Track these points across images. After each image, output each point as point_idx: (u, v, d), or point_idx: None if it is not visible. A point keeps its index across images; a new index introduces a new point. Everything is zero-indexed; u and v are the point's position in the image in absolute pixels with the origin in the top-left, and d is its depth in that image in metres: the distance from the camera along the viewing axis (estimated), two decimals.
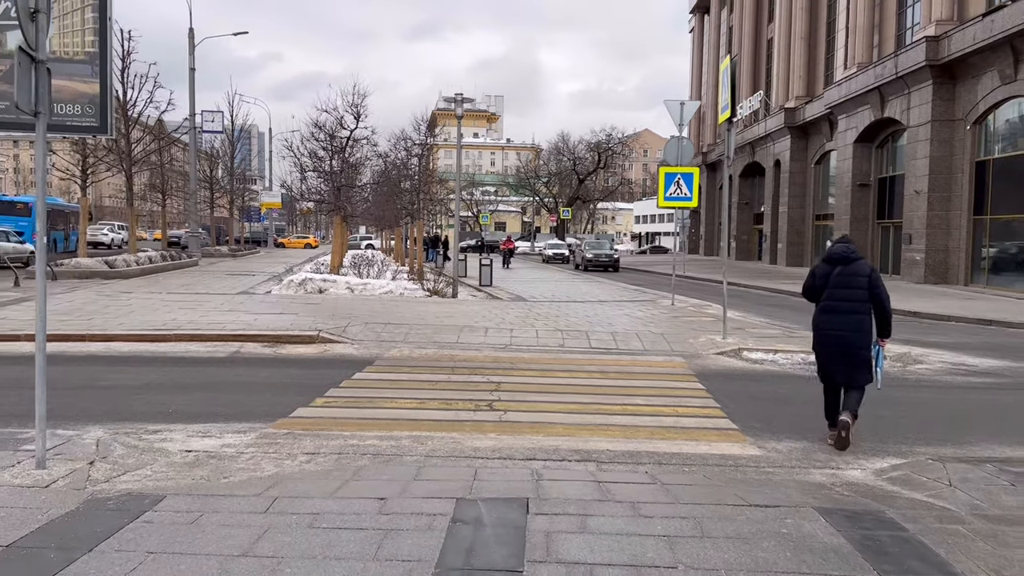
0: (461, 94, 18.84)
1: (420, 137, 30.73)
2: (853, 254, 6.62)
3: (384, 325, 12.80)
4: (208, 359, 10.17)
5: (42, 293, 4.99)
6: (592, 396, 8.20)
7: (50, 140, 28.57)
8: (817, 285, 6.72)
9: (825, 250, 7.10)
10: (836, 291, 6.56)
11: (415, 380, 8.93)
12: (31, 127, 16.62)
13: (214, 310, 14.26)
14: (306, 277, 19.38)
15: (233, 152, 47.33)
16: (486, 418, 7.17)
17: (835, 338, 6.54)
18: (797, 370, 10.39)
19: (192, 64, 35.68)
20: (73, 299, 15.50)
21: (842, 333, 6.51)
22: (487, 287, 23.39)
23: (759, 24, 50.00)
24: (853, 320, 6.49)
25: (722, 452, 6.29)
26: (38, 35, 4.68)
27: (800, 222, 41.27)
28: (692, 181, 17.25)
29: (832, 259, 6.67)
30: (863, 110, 32.55)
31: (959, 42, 25.46)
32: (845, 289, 6.53)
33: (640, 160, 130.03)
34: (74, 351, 10.38)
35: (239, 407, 7.47)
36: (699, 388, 8.82)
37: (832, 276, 6.60)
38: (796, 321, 15.89)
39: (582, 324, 13.83)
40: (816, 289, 6.74)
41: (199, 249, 35.42)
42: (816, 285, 6.73)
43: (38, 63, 4.68)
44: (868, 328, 6.53)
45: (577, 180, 76.69)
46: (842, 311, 6.52)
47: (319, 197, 24.75)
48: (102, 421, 6.73)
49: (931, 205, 27.28)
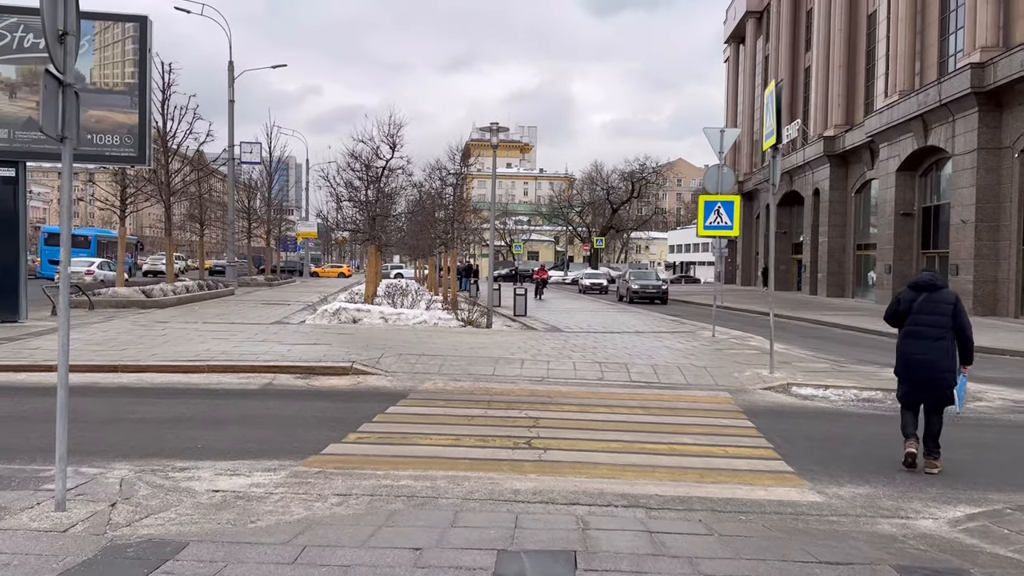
0: (496, 123, 18.70)
1: (455, 166, 30.69)
2: (939, 282, 6.92)
3: (418, 356, 12.54)
4: (240, 391, 9.96)
5: (65, 325, 4.78)
6: (635, 433, 7.81)
7: (91, 170, 29.16)
8: (901, 311, 6.98)
9: (911, 279, 7.38)
10: (920, 317, 6.81)
11: (450, 415, 8.62)
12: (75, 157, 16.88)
13: (247, 340, 14.11)
14: (340, 307, 19.24)
15: (271, 183, 47.89)
16: (525, 457, 6.82)
17: (920, 362, 6.77)
18: (850, 407, 9.89)
19: (231, 96, 36.25)
20: (108, 329, 15.48)
21: (927, 358, 6.73)
22: (521, 317, 23.08)
23: (796, 53, 49.60)
24: (937, 346, 6.72)
25: (780, 498, 5.86)
26: (66, 58, 4.52)
27: (841, 252, 40.44)
28: (733, 209, 16.86)
29: (918, 286, 6.95)
30: (906, 138, 31.89)
31: (1005, 68, 24.83)
32: (930, 315, 6.77)
33: (674, 189, 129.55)
34: (105, 382, 10.24)
35: (270, 443, 7.21)
36: (749, 426, 8.38)
37: (917, 303, 6.86)
38: (843, 354, 15.35)
39: (620, 356, 13.43)
40: (900, 315, 6.99)
41: (236, 278, 35.67)
42: (900, 311, 6.99)
43: (65, 86, 4.51)
44: (952, 354, 6.75)
45: (611, 209, 76.41)
46: (926, 336, 6.76)
47: (354, 226, 24.72)
48: (129, 457, 6.51)
49: (979, 235, 26.48)
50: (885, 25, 36.25)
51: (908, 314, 6.89)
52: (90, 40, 15.73)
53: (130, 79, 16.29)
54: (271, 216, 48.68)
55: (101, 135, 16.14)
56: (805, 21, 48.77)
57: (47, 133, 4.44)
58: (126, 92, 16.27)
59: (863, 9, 39.68)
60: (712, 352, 14.59)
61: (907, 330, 6.89)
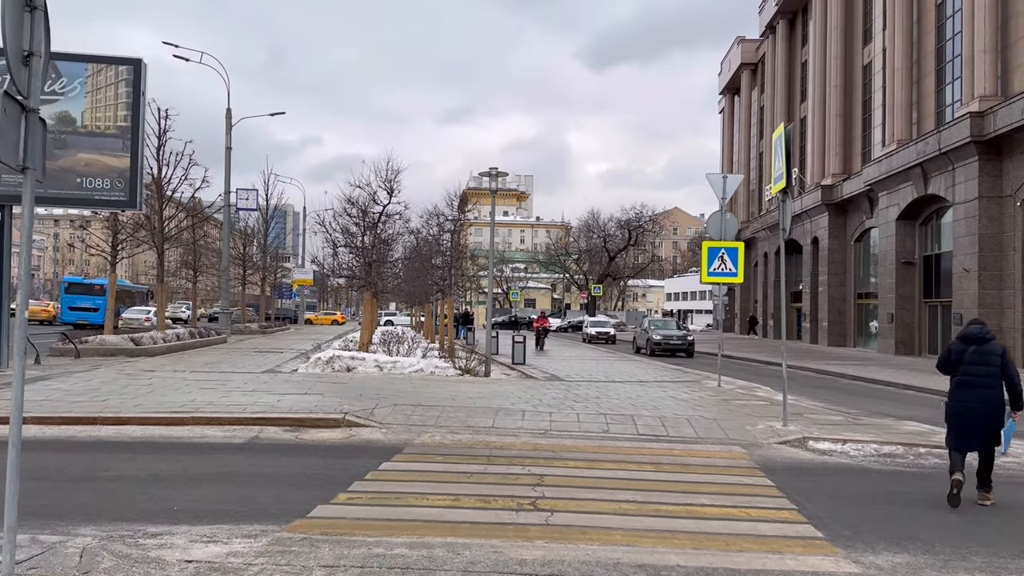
0: (496, 168, 18.39)
1: (452, 212, 30.42)
2: (988, 335, 7.45)
3: (414, 407, 11.98)
4: (224, 445, 9.38)
5: (19, 378, 4.26)
6: (649, 493, 7.26)
7: (87, 218, 28.56)
8: (952, 361, 7.51)
9: (960, 331, 7.86)
10: (971, 368, 7.32)
11: (448, 471, 8.05)
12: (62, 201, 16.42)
13: (236, 390, 13.55)
14: (334, 355, 18.69)
15: (267, 230, 47.62)
16: (530, 520, 6.26)
17: (971, 409, 7.29)
18: (871, 463, 9.34)
19: (228, 143, 36.15)
20: (92, 378, 14.90)
21: (978, 405, 7.24)
22: (520, 365, 22.54)
23: (791, 103, 49.93)
24: (988, 393, 7.24)
25: (814, 568, 5.31)
26: (31, 81, 4.10)
27: (841, 301, 40.08)
28: (737, 256, 16.50)
29: (967, 339, 7.48)
30: (905, 187, 31.78)
31: (1005, 117, 24.78)
32: (980, 366, 7.28)
33: (670, 237, 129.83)
34: (82, 436, 9.67)
35: (252, 504, 6.64)
36: (768, 485, 7.83)
37: (967, 354, 7.37)
38: (854, 406, 14.83)
39: (625, 407, 12.89)
40: (951, 364, 7.52)
41: (229, 326, 35.11)
42: (952, 361, 7.52)
43: (29, 112, 4.09)
44: (1001, 401, 7.28)
45: (608, 257, 76.24)
46: (977, 385, 7.28)
47: (350, 273, 24.29)
48: (97, 521, 5.93)
49: (982, 284, 26.14)
50: (881, 76, 36.49)
51: (960, 364, 7.39)
52: (82, 82, 15.48)
53: (123, 122, 16.00)
54: (267, 263, 48.29)
55: (91, 178, 15.78)
56: (800, 72, 49.20)
57: (5, 162, 3.99)
58: (118, 135, 15.96)
59: (858, 60, 39.99)
60: (719, 403, 14.05)
61: (959, 380, 7.40)
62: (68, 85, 15.30)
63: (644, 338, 34.05)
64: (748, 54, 58.25)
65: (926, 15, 32.48)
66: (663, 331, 33.97)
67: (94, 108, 15.85)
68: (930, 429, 11.40)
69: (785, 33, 50.93)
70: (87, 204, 17.52)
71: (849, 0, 40.79)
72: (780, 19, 50.84)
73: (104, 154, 15.82)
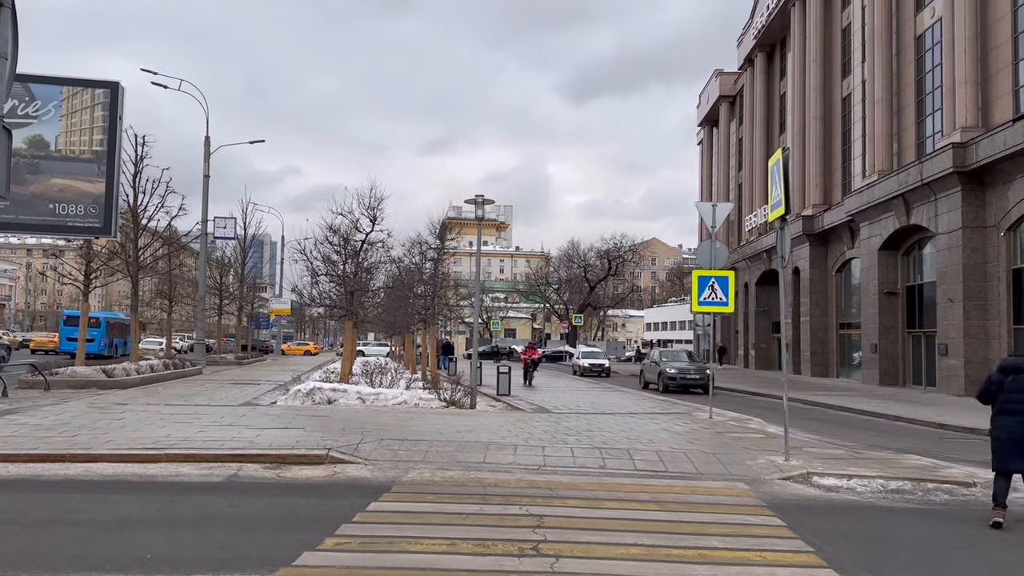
0: (482, 195, 18.07)
1: (435, 241, 30.04)
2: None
3: (401, 441, 11.48)
4: (201, 485, 8.83)
5: None
6: (656, 535, 6.83)
7: (61, 248, 27.89)
8: (992, 391, 7.90)
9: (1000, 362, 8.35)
10: (1011, 395, 7.69)
11: (441, 512, 7.58)
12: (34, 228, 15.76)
13: (212, 424, 12.96)
14: (314, 386, 18.12)
15: (244, 259, 46.91)
16: (535, 567, 5.81)
17: (1013, 434, 7.62)
18: (880, 500, 8.98)
19: (207, 171, 35.61)
20: (61, 412, 14.24)
21: (1020, 427, 7.57)
22: (505, 396, 22.05)
23: (770, 135, 50.36)
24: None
25: None
26: None
27: (823, 331, 40.07)
28: (727, 284, 16.32)
29: (1006, 369, 7.89)
30: (887, 217, 31.90)
31: (987, 148, 24.96)
32: (1019, 393, 7.65)
33: (649, 268, 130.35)
34: (49, 474, 9.08)
35: (232, 551, 6.14)
36: (779, 524, 7.44)
37: (1007, 383, 7.75)
38: (848, 438, 14.56)
39: (619, 440, 12.47)
40: (991, 394, 7.90)
41: (204, 357, 34.32)
42: (991, 391, 7.90)
43: None
44: None
45: (588, 287, 76.07)
46: (1018, 412, 7.64)
47: (330, 302, 23.77)
48: (59, 573, 5.41)
49: (967, 314, 26.13)
50: (861, 107, 36.83)
51: (1000, 393, 7.76)
52: (57, 105, 15.00)
53: (99, 147, 15.53)
54: (243, 293, 47.51)
55: (65, 204, 15.28)
56: (779, 104, 49.71)
57: None
58: (93, 160, 15.49)
59: (837, 92, 40.39)
60: (714, 436, 13.68)
61: (1000, 407, 7.79)
62: (42, 108, 14.82)
63: (655, 372, 29.50)
64: (727, 86, 58.83)
65: (905, 48, 32.87)
66: (677, 364, 29.26)
67: (69, 132, 15.37)
68: (933, 463, 11.10)
69: (763, 66, 51.52)
70: (60, 231, 16.98)
71: (827, 33, 41.31)
72: (758, 52, 51.46)
73: (78, 179, 15.33)
